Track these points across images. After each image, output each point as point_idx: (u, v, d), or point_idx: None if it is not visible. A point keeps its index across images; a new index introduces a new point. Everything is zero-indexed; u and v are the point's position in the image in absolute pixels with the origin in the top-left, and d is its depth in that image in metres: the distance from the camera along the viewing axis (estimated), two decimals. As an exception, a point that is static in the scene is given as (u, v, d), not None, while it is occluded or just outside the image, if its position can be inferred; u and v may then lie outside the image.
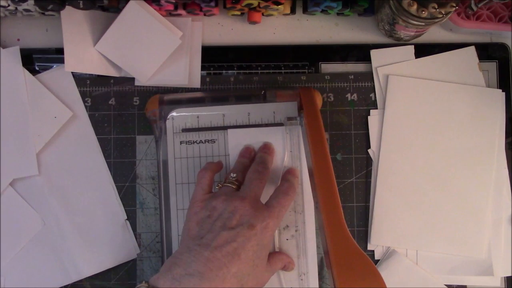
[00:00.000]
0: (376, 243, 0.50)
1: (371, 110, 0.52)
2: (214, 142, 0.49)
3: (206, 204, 0.42)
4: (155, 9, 0.50)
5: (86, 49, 0.50)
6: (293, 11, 0.52)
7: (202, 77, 0.52)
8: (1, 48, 0.51)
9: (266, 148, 0.48)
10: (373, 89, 0.52)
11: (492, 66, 0.53)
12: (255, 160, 0.46)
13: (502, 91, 0.52)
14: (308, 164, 0.46)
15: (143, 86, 0.52)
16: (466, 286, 0.50)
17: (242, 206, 0.40)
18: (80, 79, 0.52)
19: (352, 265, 0.37)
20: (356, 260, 0.37)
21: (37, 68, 0.52)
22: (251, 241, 0.39)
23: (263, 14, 0.52)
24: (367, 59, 0.53)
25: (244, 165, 0.46)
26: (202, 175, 0.44)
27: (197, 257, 0.38)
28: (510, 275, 0.50)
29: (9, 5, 0.48)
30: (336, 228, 0.39)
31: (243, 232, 0.39)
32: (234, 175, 0.44)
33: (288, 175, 0.46)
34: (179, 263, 0.38)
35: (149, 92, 0.52)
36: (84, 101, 0.52)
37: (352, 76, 0.52)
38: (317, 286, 0.48)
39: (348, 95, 0.52)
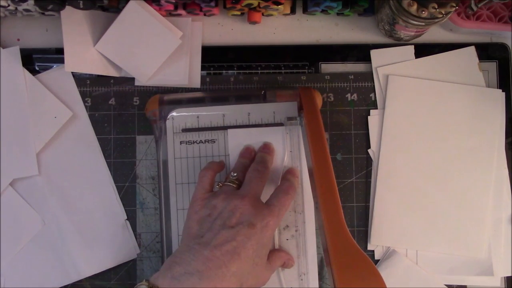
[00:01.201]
0: (376, 243, 0.50)
1: (371, 110, 0.52)
2: (214, 142, 0.49)
3: (206, 203, 0.42)
4: (155, 9, 0.50)
5: (86, 49, 0.50)
6: (293, 11, 0.52)
7: (202, 77, 0.52)
8: (1, 48, 0.51)
9: (266, 148, 0.48)
10: (373, 89, 0.52)
11: (492, 66, 0.53)
12: (255, 159, 0.46)
13: (502, 91, 0.52)
14: (308, 164, 0.46)
15: (143, 86, 0.52)
16: (466, 286, 0.50)
17: (242, 205, 0.40)
18: (80, 79, 0.52)
19: (352, 265, 0.37)
20: (356, 260, 0.37)
21: (37, 68, 0.52)
22: (251, 240, 0.39)
23: (263, 14, 0.52)
24: (367, 59, 0.53)
25: (244, 165, 0.46)
26: (204, 174, 0.44)
27: (196, 256, 0.38)
28: (510, 275, 0.50)
29: (9, 5, 0.48)
30: (336, 228, 0.39)
31: (243, 231, 0.39)
32: (235, 174, 0.44)
33: (288, 175, 0.46)
34: (179, 261, 0.38)
35: (149, 92, 0.52)
36: (84, 101, 0.52)
37: (352, 76, 0.52)
38: (317, 286, 0.48)
39: (348, 95, 0.52)
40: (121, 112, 0.52)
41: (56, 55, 0.52)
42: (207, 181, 0.44)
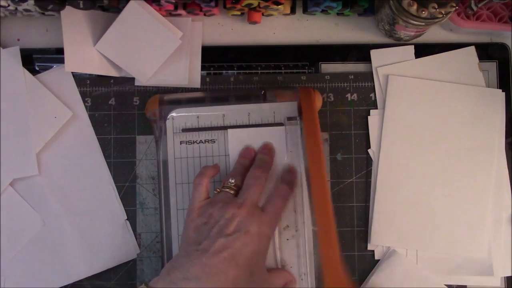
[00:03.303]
0: (376, 243, 0.50)
1: (371, 110, 0.52)
2: (214, 142, 0.49)
3: (203, 212, 0.42)
4: (155, 9, 0.50)
5: (86, 49, 0.50)
6: (293, 11, 0.52)
7: (202, 77, 0.52)
8: (1, 48, 0.51)
9: (266, 149, 0.48)
10: (373, 89, 0.52)
11: (492, 66, 0.53)
12: (254, 162, 0.46)
13: (502, 91, 0.52)
14: (305, 164, 0.46)
15: (143, 86, 0.52)
16: (466, 286, 0.50)
17: (239, 213, 0.41)
18: (80, 79, 0.52)
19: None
20: None
21: (37, 68, 0.52)
22: (248, 247, 0.39)
23: (263, 14, 0.52)
24: (367, 59, 0.53)
25: (244, 167, 0.46)
26: (198, 182, 0.44)
27: (195, 262, 0.38)
28: (510, 275, 0.50)
29: (9, 5, 0.48)
30: (324, 226, 0.40)
31: (240, 238, 0.39)
32: (233, 180, 0.44)
33: (286, 174, 0.46)
34: (177, 267, 0.39)
35: (149, 92, 0.52)
36: (84, 101, 0.52)
37: (352, 76, 0.52)
38: (318, 287, 0.48)
39: (348, 95, 0.52)
40: (121, 112, 0.52)
41: (56, 55, 0.52)
42: (202, 189, 0.44)
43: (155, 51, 0.50)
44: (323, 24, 0.54)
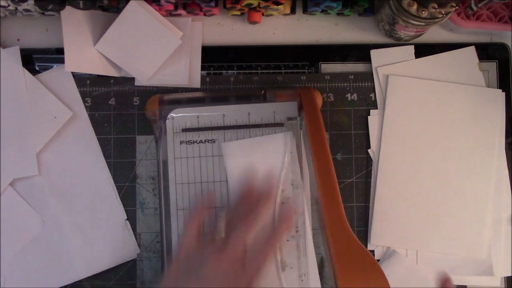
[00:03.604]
0: (376, 243, 0.50)
1: (371, 110, 0.52)
2: (214, 142, 0.49)
3: (186, 259, 0.42)
4: (155, 9, 0.50)
5: (86, 49, 0.50)
6: (293, 11, 0.52)
7: (202, 77, 0.52)
8: (1, 48, 0.51)
9: (268, 182, 0.46)
10: (373, 89, 0.52)
11: (492, 66, 0.53)
12: (249, 207, 0.44)
13: (502, 91, 0.52)
14: (309, 164, 0.45)
15: (143, 86, 0.52)
16: (466, 286, 0.50)
17: (217, 264, 0.40)
18: (80, 79, 0.52)
19: (353, 260, 0.37)
20: (357, 256, 0.38)
21: (37, 68, 0.52)
22: None
23: (263, 14, 0.52)
24: (367, 59, 0.53)
25: (240, 214, 0.44)
26: (189, 224, 0.44)
27: None
28: (510, 275, 0.50)
29: (9, 5, 0.48)
30: (338, 225, 0.39)
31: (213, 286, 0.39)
32: (222, 234, 0.43)
33: (278, 226, 0.45)
34: None
35: (149, 92, 0.52)
36: (84, 101, 0.52)
37: (352, 76, 0.52)
38: (318, 287, 0.48)
39: (348, 95, 0.52)
40: (121, 112, 0.52)
41: (56, 55, 0.52)
42: (190, 232, 0.43)
43: (155, 51, 0.50)
44: (323, 24, 0.54)
